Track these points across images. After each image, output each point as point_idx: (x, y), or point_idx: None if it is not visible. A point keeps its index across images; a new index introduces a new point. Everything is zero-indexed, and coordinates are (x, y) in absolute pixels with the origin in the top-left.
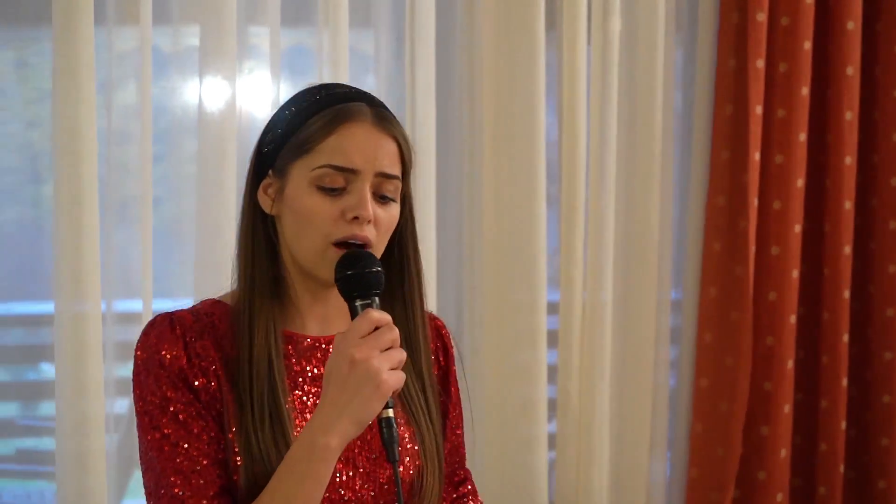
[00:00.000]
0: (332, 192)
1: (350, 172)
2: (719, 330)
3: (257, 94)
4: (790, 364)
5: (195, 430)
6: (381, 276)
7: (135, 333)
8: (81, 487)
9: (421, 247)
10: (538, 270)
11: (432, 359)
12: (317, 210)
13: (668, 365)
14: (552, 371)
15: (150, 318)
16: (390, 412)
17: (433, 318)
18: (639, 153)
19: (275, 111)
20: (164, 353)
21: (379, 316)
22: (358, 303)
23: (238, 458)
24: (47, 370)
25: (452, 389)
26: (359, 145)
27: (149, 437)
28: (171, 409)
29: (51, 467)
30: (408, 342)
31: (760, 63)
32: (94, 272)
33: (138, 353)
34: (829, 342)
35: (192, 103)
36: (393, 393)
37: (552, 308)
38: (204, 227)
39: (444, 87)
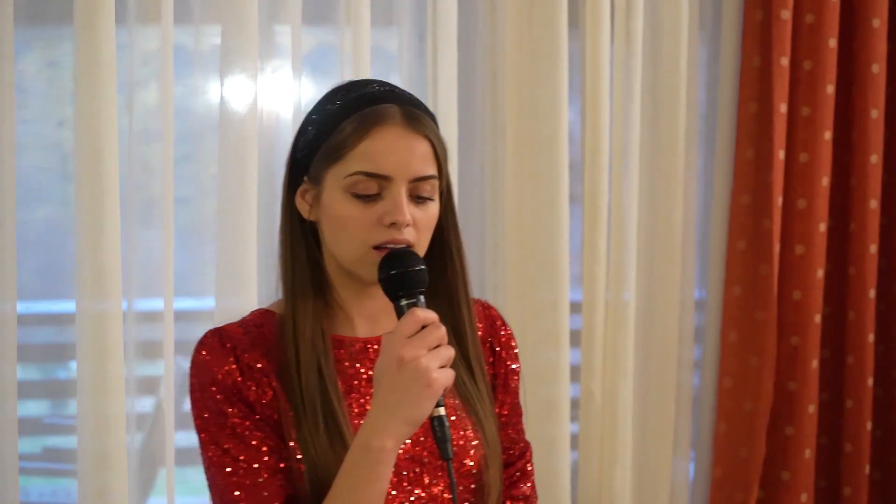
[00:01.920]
0: (367, 198)
1: (383, 179)
2: (743, 329)
3: (279, 94)
4: (815, 364)
5: (254, 443)
6: (424, 274)
7: (156, 332)
8: (103, 485)
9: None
10: (561, 269)
11: (485, 347)
12: (353, 217)
13: (691, 364)
14: (575, 371)
15: (171, 317)
16: (442, 410)
17: (487, 307)
18: (662, 151)
19: (307, 111)
20: (216, 369)
21: (425, 314)
22: (403, 302)
23: (300, 466)
24: (76, 368)
25: (511, 384)
26: (390, 150)
27: (209, 454)
28: (229, 424)
29: (75, 465)
30: (456, 334)
31: (785, 61)
32: (115, 271)
33: (192, 371)
34: (855, 342)
35: (213, 103)
36: (444, 390)
37: (575, 307)
38: (225, 227)
39: (467, 86)
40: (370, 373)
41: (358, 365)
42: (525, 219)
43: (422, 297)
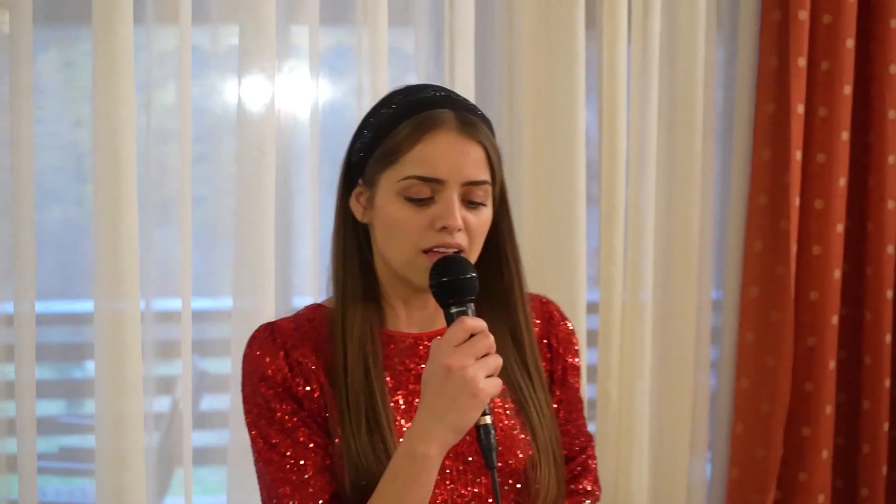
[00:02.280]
0: (420, 202)
1: (436, 182)
2: (760, 330)
3: (296, 94)
4: (832, 364)
5: (301, 439)
6: (475, 282)
7: (174, 332)
8: (120, 485)
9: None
10: (578, 270)
11: (543, 342)
12: (405, 220)
13: (708, 365)
14: (592, 371)
15: (189, 316)
16: (488, 419)
17: (546, 303)
18: (679, 152)
19: (362, 118)
20: (266, 365)
21: (473, 323)
22: (453, 310)
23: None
24: (91, 368)
25: (570, 379)
26: (444, 155)
27: (258, 449)
28: (277, 418)
29: (92, 465)
30: (513, 339)
31: (802, 61)
32: (133, 271)
33: (244, 367)
34: (872, 342)
35: (231, 103)
36: (490, 399)
37: (592, 308)
38: (243, 226)
39: (484, 86)
40: (419, 369)
41: (407, 361)
42: (542, 219)
43: (472, 305)
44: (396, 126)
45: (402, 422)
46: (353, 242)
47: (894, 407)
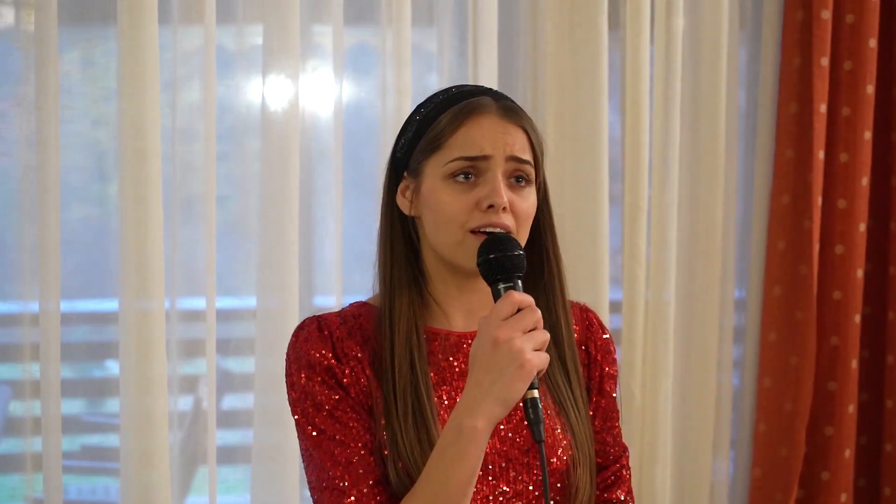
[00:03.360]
0: (466, 182)
1: (481, 160)
2: (783, 329)
3: (320, 93)
4: (855, 364)
5: (349, 423)
6: (523, 259)
7: (198, 331)
8: (145, 484)
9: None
10: (601, 269)
11: (581, 349)
12: (452, 202)
13: (731, 364)
14: None
15: (213, 315)
16: (535, 393)
17: (585, 310)
18: (702, 152)
19: (406, 118)
20: (313, 353)
21: (521, 297)
22: (501, 286)
23: (386, 452)
24: (112, 367)
25: (606, 387)
26: (486, 133)
27: (306, 435)
28: (326, 406)
29: (115, 463)
30: (552, 336)
31: (825, 61)
32: (158, 270)
33: (289, 356)
34: (894, 342)
35: (255, 102)
36: (538, 374)
37: (615, 307)
38: (267, 226)
39: (507, 86)
40: (463, 366)
41: (451, 358)
42: (565, 219)
43: (519, 282)
44: (439, 115)
45: (446, 416)
46: (400, 238)
47: None
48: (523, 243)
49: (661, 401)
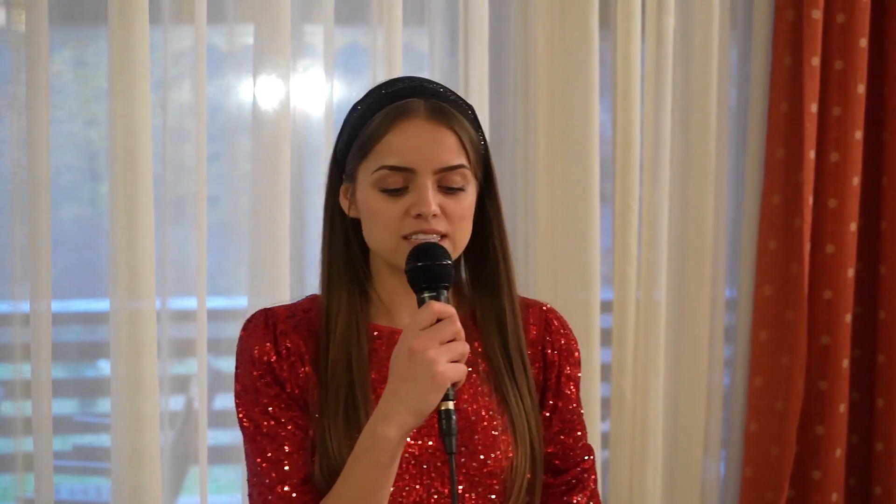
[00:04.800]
0: (395, 192)
1: (408, 171)
2: (774, 328)
3: (311, 93)
4: (846, 363)
5: (283, 420)
6: (449, 268)
7: (189, 331)
8: (136, 483)
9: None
10: (592, 269)
11: (537, 349)
12: (382, 211)
13: (722, 363)
14: (606, 369)
15: (204, 315)
16: (450, 404)
17: (548, 311)
18: (693, 151)
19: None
20: (254, 347)
21: (441, 308)
22: (425, 295)
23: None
24: (104, 367)
25: (566, 390)
26: (412, 143)
27: (243, 427)
28: (262, 400)
29: (107, 463)
30: (498, 324)
31: (816, 61)
32: (149, 270)
33: (237, 347)
34: (885, 341)
35: (246, 102)
36: (454, 385)
37: (606, 306)
38: (258, 225)
39: (498, 85)
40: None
41: (375, 351)
42: (556, 218)
43: (445, 292)
44: (369, 119)
45: None
46: (341, 238)
47: None
48: (462, 243)
49: (652, 400)
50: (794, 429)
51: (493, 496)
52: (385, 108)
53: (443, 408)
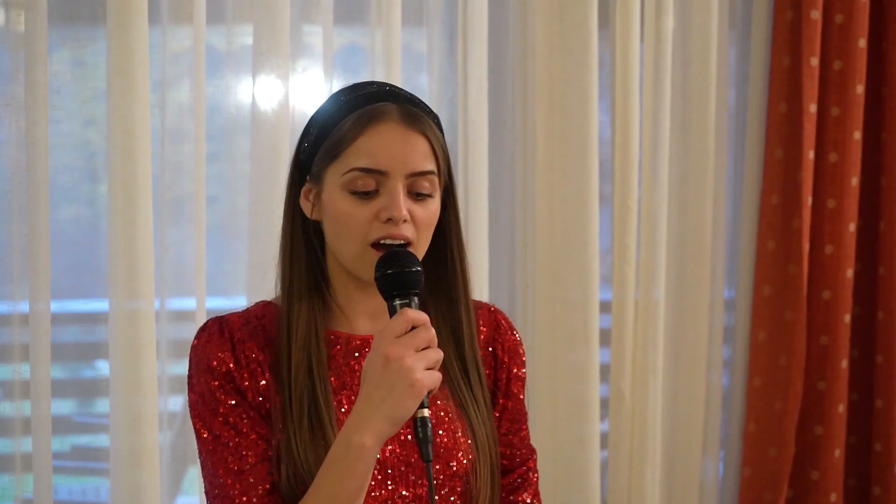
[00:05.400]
0: (365, 195)
1: (380, 174)
2: (773, 329)
3: (310, 93)
4: (844, 363)
5: (244, 430)
6: (419, 275)
7: (188, 331)
8: (135, 484)
9: (470, 240)
10: (591, 269)
11: (488, 350)
12: (351, 214)
13: (721, 364)
14: (605, 370)
15: (203, 316)
16: (426, 412)
17: (495, 312)
18: (692, 151)
19: (309, 117)
20: (212, 356)
21: (415, 315)
22: (397, 302)
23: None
24: (103, 367)
25: (514, 390)
26: (386, 146)
27: (201, 439)
28: (221, 410)
29: (106, 464)
30: (454, 335)
31: (815, 61)
32: (148, 270)
33: (191, 357)
34: (884, 341)
35: (245, 102)
36: (429, 393)
37: (605, 307)
38: (257, 226)
39: (497, 86)
40: (344, 369)
41: (352, 362)
42: (555, 218)
43: (416, 299)
44: (340, 121)
45: (345, 419)
46: (302, 241)
47: None
48: (424, 250)
49: (651, 401)
50: (792, 429)
51: (454, 498)
52: (357, 110)
53: (419, 415)
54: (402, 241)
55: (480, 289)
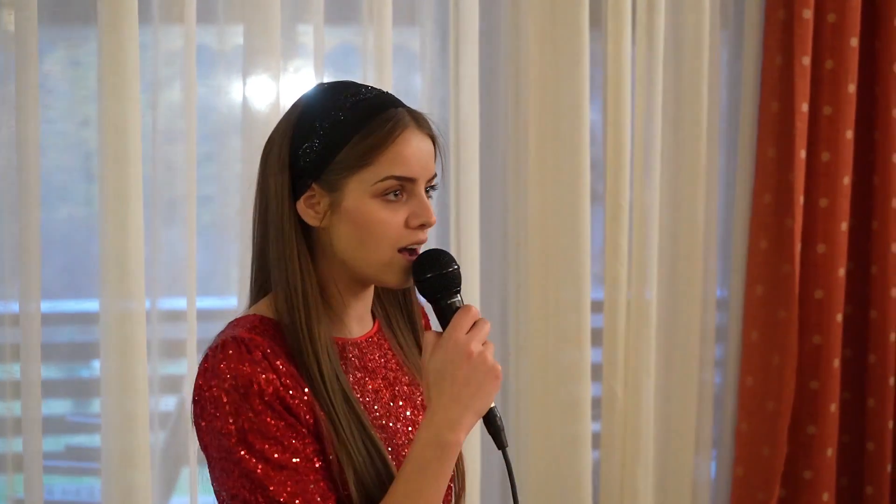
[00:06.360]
0: (396, 201)
1: (409, 181)
2: (765, 328)
3: (302, 93)
4: (837, 363)
5: (300, 449)
6: (459, 272)
7: (180, 331)
8: (128, 484)
9: (461, 240)
10: (583, 268)
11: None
12: (384, 221)
13: (713, 363)
14: (597, 369)
15: (194, 315)
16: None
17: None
18: (684, 151)
19: (298, 120)
20: (252, 379)
21: (476, 310)
22: (449, 301)
23: (343, 471)
24: (97, 367)
25: None
26: (414, 153)
27: (249, 468)
28: (273, 434)
29: (98, 463)
30: (409, 321)
31: (807, 60)
32: (139, 270)
33: (211, 383)
34: (877, 340)
35: (237, 102)
36: None
37: (597, 306)
38: (249, 226)
39: (489, 85)
40: (357, 374)
41: (348, 364)
42: (547, 218)
43: (460, 295)
44: (356, 129)
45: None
46: (305, 249)
47: None
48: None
49: (644, 400)
50: (785, 428)
51: (448, 496)
52: (373, 117)
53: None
54: (425, 245)
55: (472, 289)
